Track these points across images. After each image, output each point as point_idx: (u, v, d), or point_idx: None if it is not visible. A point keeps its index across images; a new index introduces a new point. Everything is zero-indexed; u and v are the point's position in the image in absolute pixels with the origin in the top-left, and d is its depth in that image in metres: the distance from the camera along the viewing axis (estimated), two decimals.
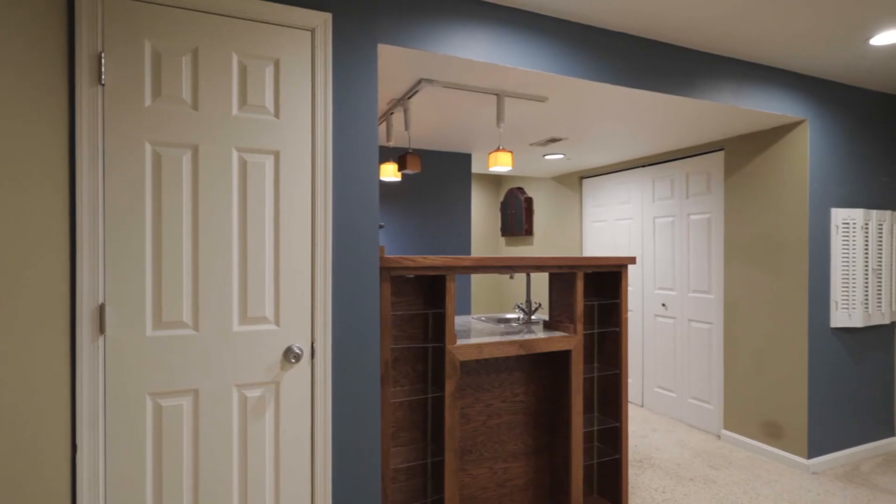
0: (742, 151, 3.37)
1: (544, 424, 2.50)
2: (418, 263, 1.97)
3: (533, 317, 2.81)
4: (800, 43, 2.53)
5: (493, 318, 2.92)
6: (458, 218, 4.19)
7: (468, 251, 4.23)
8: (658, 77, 2.54)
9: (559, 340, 2.30)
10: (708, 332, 3.66)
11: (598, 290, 2.62)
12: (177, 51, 1.60)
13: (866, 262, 3.14)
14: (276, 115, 1.73)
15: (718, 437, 3.55)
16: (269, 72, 1.72)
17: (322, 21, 1.78)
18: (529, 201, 5.86)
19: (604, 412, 2.58)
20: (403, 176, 3.91)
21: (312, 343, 1.76)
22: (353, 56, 1.85)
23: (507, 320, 2.78)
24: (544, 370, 2.50)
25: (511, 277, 2.77)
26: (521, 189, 6.00)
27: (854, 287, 3.09)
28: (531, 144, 3.76)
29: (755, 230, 3.27)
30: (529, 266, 2.22)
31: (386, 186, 3.89)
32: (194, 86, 1.62)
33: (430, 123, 3.22)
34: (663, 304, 4.04)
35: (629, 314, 4.38)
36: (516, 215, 6.04)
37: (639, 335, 4.28)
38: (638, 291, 4.29)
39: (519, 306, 2.74)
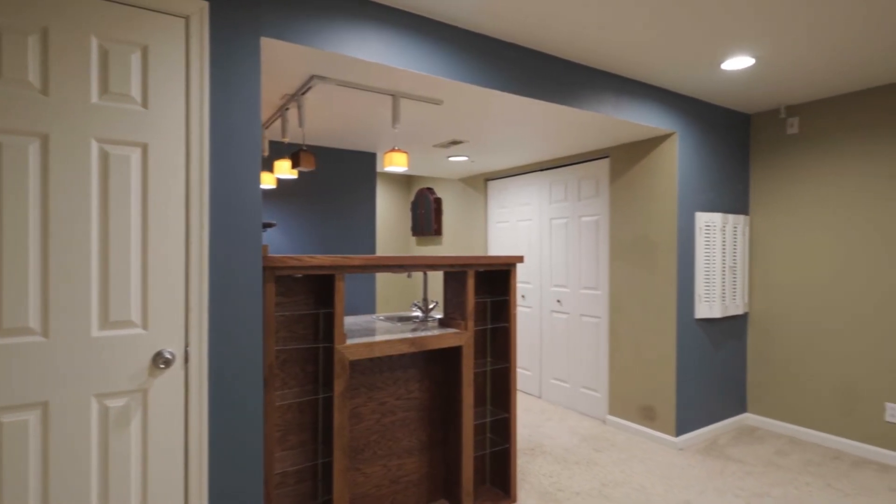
0: (624, 159, 3.68)
1: (439, 419, 2.57)
2: (305, 263, 1.94)
3: (430, 315, 2.87)
4: (668, 64, 2.81)
5: (394, 316, 2.94)
6: (362, 217, 4.17)
7: (373, 251, 4.22)
8: (546, 87, 2.71)
9: (450, 337, 2.37)
10: (596, 325, 3.95)
11: (490, 288, 2.74)
12: (22, 29, 1.45)
13: (724, 260, 3.56)
14: (144, 105, 1.62)
15: (604, 422, 3.85)
16: (135, 59, 1.61)
17: (198, 9, 1.70)
18: (439, 202, 5.96)
19: (496, 404, 2.70)
20: (300, 174, 3.81)
21: (186, 347, 1.68)
22: (233, 48, 1.78)
23: (407, 319, 2.82)
24: (438, 367, 2.56)
25: (408, 276, 2.81)
26: (430, 189, 6.08)
27: (714, 282, 3.50)
28: (434, 146, 3.83)
29: (634, 231, 3.59)
30: (422, 265, 2.27)
31: (283, 184, 3.77)
32: (44, 69, 1.48)
33: (331, 121, 3.17)
34: (558, 301, 4.30)
35: (528, 310, 4.61)
36: (426, 215, 6.11)
37: (537, 330, 4.52)
38: (536, 289, 4.53)
39: (416, 305, 2.79)
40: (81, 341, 1.51)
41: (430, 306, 2.81)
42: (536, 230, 4.55)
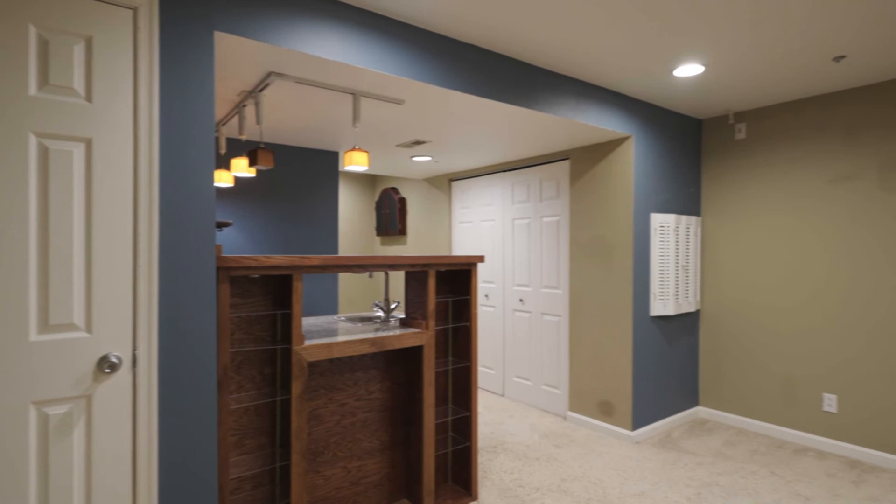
0: (584, 161, 3.77)
1: (400, 419, 2.57)
2: (261, 263, 1.90)
3: (392, 315, 2.86)
4: (625, 70, 2.90)
5: (355, 317, 2.92)
6: (325, 217, 4.11)
7: (336, 250, 4.17)
8: (508, 89, 2.74)
9: (411, 336, 2.37)
10: (557, 324, 4.03)
11: (452, 287, 2.75)
12: None
13: (677, 259, 3.70)
14: (88, 98, 1.55)
15: (565, 418, 3.93)
16: (78, 50, 1.54)
17: (147, 0, 1.64)
18: (403, 201, 5.94)
19: (458, 403, 2.72)
20: (259, 172, 3.73)
21: (134, 351, 1.62)
22: (185, 41, 1.73)
23: (368, 319, 2.80)
24: (400, 366, 2.56)
25: (370, 276, 2.79)
26: (395, 189, 6.06)
27: (668, 281, 3.63)
28: (398, 146, 3.82)
29: (593, 231, 3.68)
30: (383, 265, 2.26)
31: (241, 182, 3.68)
32: None
33: (291, 119, 3.12)
34: (521, 300, 4.36)
35: (491, 310, 4.66)
36: (390, 215, 6.08)
37: (499, 329, 4.58)
38: (499, 288, 4.58)
39: (377, 305, 2.77)
40: (17, 346, 1.44)
41: (392, 306, 2.81)
42: (499, 230, 4.60)
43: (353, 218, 6.45)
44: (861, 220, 3.18)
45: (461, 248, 5.07)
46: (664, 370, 3.69)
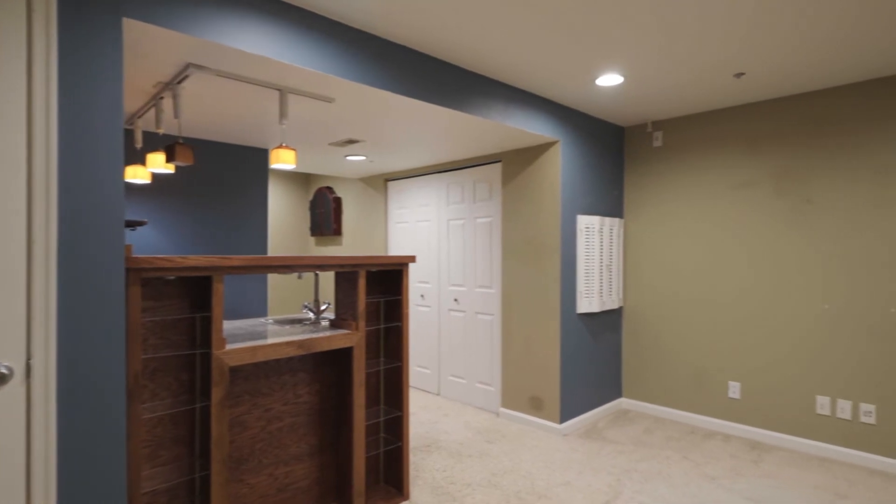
0: (514, 164, 3.88)
1: (330, 422, 2.53)
2: (177, 264, 1.81)
3: (322, 316, 2.81)
4: (552, 77, 3.02)
5: (284, 319, 2.84)
6: (254, 216, 3.97)
7: (265, 251, 4.03)
8: (439, 91, 2.77)
9: (341, 338, 2.34)
10: (490, 322, 4.12)
11: (384, 287, 2.75)
12: None
13: (601, 259, 3.90)
14: None
15: (498, 415, 4.03)
16: None
17: None
18: (338, 201, 5.84)
19: (389, 403, 2.72)
20: (179, 168, 3.54)
21: (28, 360, 1.49)
22: (89, 27, 1.61)
23: (298, 321, 2.73)
24: (330, 368, 2.52)
25: (299, 277, 2.73)
26: (330, 188, 5.94)
27: (593, 279, 3.81)
28: (330, 144, 3.76)
29: (524, 232, 3.80)
30: (311, 266, 2.22)
31: (159, 179, 3.48)
32: None
33: (215, 113, 2.98)
34: (456, 300, 4.42)
35: (427, 310, 4.69)
36: (325, 215, 5.96)
37: (435, 329, 4.61)
38: (435, 288, 4.62)
39: (307, 307, 2.72)
40: None
41: (323, 308, 2.76)
42: (435, 231, 4.64)
43: (286, 218, 6.26)
44: (759, 222, 3.50)
45: (398, 248, 5.06)
46: (590, 365, 3.88)
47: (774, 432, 3.42)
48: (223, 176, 3.80)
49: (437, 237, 4.62)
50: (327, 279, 6.09)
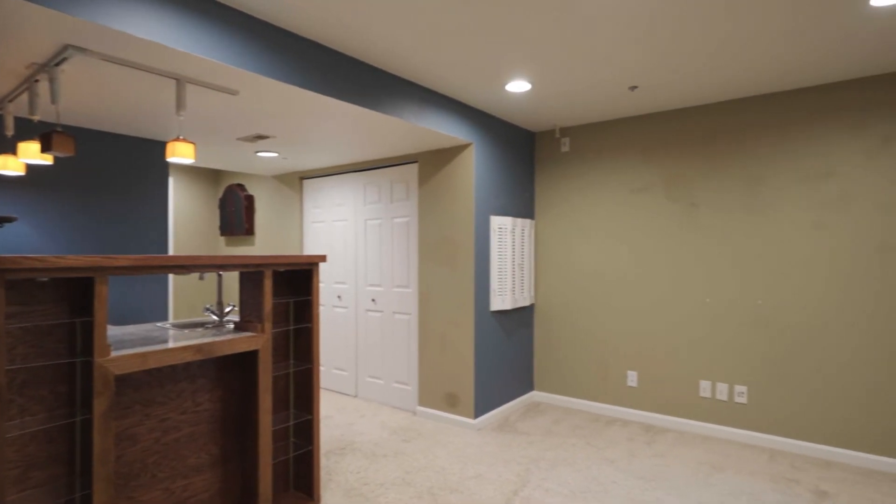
0: (431, 165, 3.93)
1: (234, 430, 2.41)
2: (51, 264, 1.64)
3: (226, 319, 2.68)
4: (465, 81, 3.09)
5: (185, 323, 2.67)
6: (152, 214, 3.68)
7: (165, 252, 3.76)
8: (352, 89, 2.75)
9: (245, 341, 2.25)
10: (407, 322, 4.14)
11: (293, 288, 2.67)
12: None
13: (514, 258, 4.05)
14: None
15: (415, 413, 4.06)
16: None
17: None
18: (250, 199, 5.58)
19: (299, 407, 2.65)
20: (57, 160, 3.21)
21: None
22: None
23: (200, 324, 2.58)
24: (233, 373, 2.41)
25: (201, 278, 2.58)
26: (241, 186, 5.66)
27: (506, 278, 3.95)
28: (238, 139, 3.58)
29: (439, 232, 3.86)
30: (212, 265, 2.11)
31: (36, 171, 3.13)
32: None
33: (105, 101, 2.74)
34: (373, 300, 4.39)
35: (344, 310, 4.62)
36: (236, 213, 5.67)
37: (352, 330, 4.55)
38: (352, 288, 4.56)
39: (209, 309, 2.58)
40: None
41: (227, 310, 2.63)
42: (352, 231, 4.58)
43: (193, 217, 5.88)
44: (653, 224, 3.82)
45: (314, 248, 4.93)
46: (503, 360, 4.02)
47: (666, 416, 3.75)
48: (115, 169, 3.50)
49: (354, 237, 4.56)
50: (235, 280, 5.79)
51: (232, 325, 2.53)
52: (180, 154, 2.25)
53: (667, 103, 3.58)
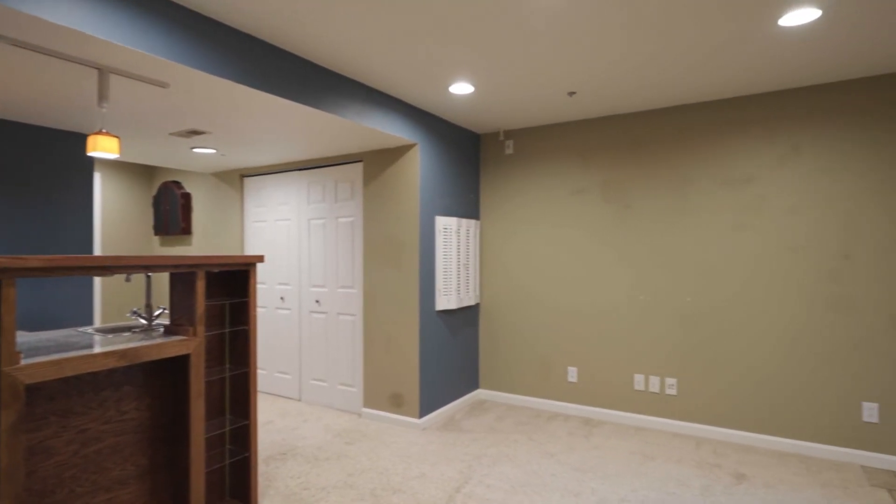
0: (376, 164, 3.90)
1: (164, 438, 2.30)
2: None
3: (156, 322, 2.55)
4: (409, 81, 3.09)
5: (111, 327, 2.52)
6: (74, 212, 3.45)
7: (90, 252, 3.53)
8: (291, 86, 2.68)
9: (175, 345, 2.15)
10: (352, 323, 4.09)
11: (230, 289, 2.58)
12: None
13: (459, 258, 4.10)
14: None
15: (360, 415, 4.02)
16: None
17: None
18: (187, 197, 5.34)
19: (236, 412, 2.56)
20: None
21: None
22: None
23: (126, 329, 2.45)
24: (163, 379, 2.30)
25: (127, 280, 2.44)
26: (177, 183, 5.40)
27: (451, 278, 3.99)
28: (171, 134, 3.42)
29: (384, 232, 3.85)
30: (138, 266, 2.00)
31: None
32: None
33: (17, 89, 2.53)
34: (317, 301, 4.31)
35: (287, 312, 4.50)
36: (172, 212, 5.41)
37: (296, 332, 4.45)
38: (295, 290, 4.45)
39: (135, 312, 2.44)
40: None
41: (157, 313, 2.50)
42: (295, 230, 4.47)
43: (123, 215, 5.55)
44: (591, 225, 3.97)
45: (255, 248, 4.78)
46: (449, 359, 4.05)
47: (603, 409, 3.91)
48: (33, 163, 3.25)
49: (297, 237, 4.46)
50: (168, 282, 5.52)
51: (162, 329, 2.42)
52: (103, 148, 2.12)
53: (603, 110, 3.74)
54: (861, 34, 2.49)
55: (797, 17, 2.29)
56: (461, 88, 3.22)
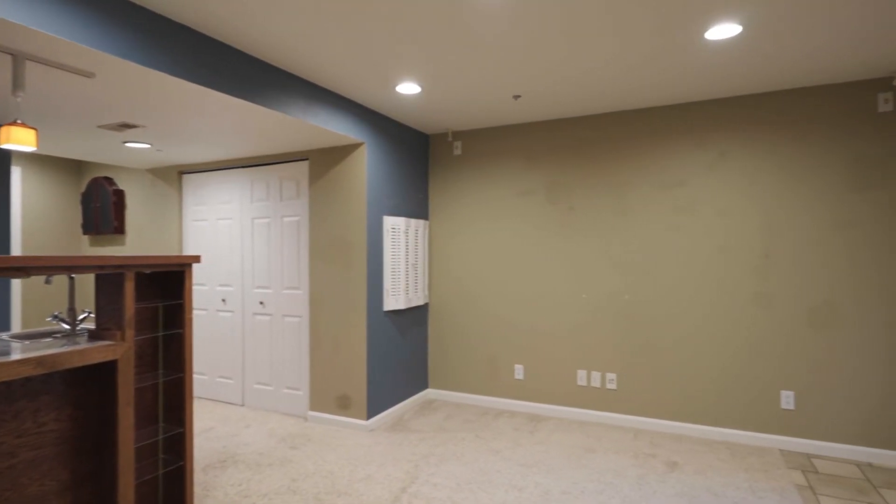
0: (322, 163, 3.84)
1: (89, 450, 2.16)
2: None
3: (82, 327, 2.40)
4: (355, 80, 3.06)
5: (27, 333, 2.34)
6: None
7: (7, 252, 3.27)
8: (231, 80, 2.59)
9: (100, 351, 2.03)
10: (298, 324, 4.00)
11: (164, 291, 2.46)
12: None
13: (407, 258, 4.09)
14: None
15: (306, 419, 3.93)
16: None
17: None
18: (120, 194, 5.05)
19: (170, 420, 2.45)
20: None
21: None
22: None
23: (47, 334, 2.29)
24: (87, 388, 2.16)
25: (47, 282, 2.27)
26: (108, 179, 5.10)
27: (399, 278, 3.98)
28: (100, 127, 3.22)
29: (331, 232, 3.79)
30: (57, 267, 1.87)
31: None
32: None
33: None
34: (261, 302, 4.18)
35: (229, 315, 4.35)
36: (103, 210, 5.10)
37: (239, 335, 4.30)
38: (238, 291, 4.30)
39: (56, 317, 2.29)
40: None
41: (81, 317, 2.35)
42: (238, 230, 4.32)
43: (48, 213, 5.18)
44: (537, 226, 4.07)
45: (195, 248, 4.58)
46: (397, 359, 4.04)
47: (549, 405, 4.01)
48: None
49: (240, 237, 4.31)
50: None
51: (87, 334, 2.27)
52: (17, 140, 1.97)
53: (548, 114, 3.84)
54: (779, 51, 2.69)
55: (721, 32, 2.44)
56: (408, 88, 3.22)
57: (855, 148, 3.18)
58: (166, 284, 2.46)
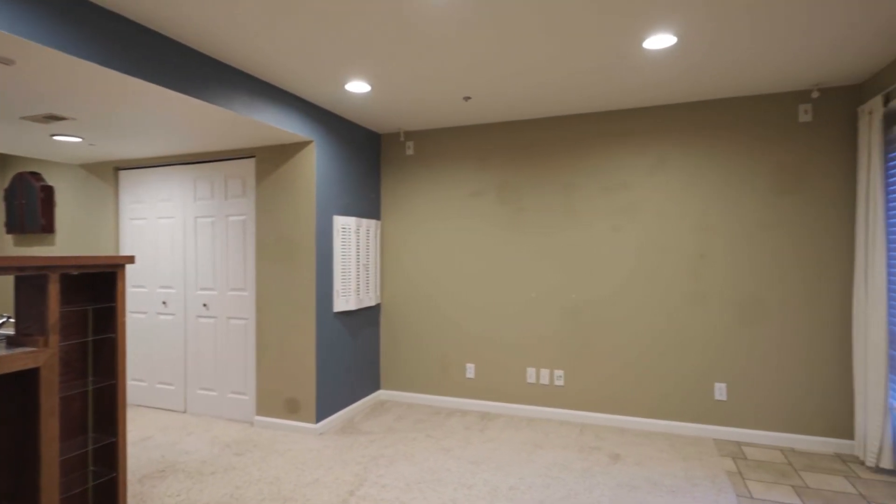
0: (269, 160, 3.74)
1: (9, 464, 2.02)
2: None
3: (2, 332, 2.23)
4: (302, 76, 3.00)
5: None
6: None
7: None
8: (167, 72, 2.48)
9: (19, 358, 1.90)
10: (244, 327, 3.88)
11: (94, 294, 2.33)
12: None
13: (358, 258, 4.05)
14: None
15: (252, 424, 3.82)
16: None
17: None
18: (49, 190, 4.73)
19: (101, 429, 2.31)
20: None
21: None
22: None
23: None
24: (8, 397, 2.01)
25: None
26: (35, 175, 4.76)
27: (350, 278, 3.93)
28: (23, 118, 3.01)
29: (279, 232, 3.69)
30: None
31: None
32: None
33: None
34: (205, 305, 4.03)
35: (171, 318, 4.16)
36: (29, 207, 4.76)
37: (181, 339, 4.12)
38: (180, 293, 4.12)
39: None
40: None
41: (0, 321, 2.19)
42: (180, 229, 4.14)
43: None
44: (488, 226, 4.12)
45: (133, 248, 4.36)
46: (348, 361, 3.99)
47: (499, 402, 4.08)
48: None
49: (182, 236, 4.13)
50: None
51: (5, 341, 2.12)
52: None
53: (498, 116, 3.90)
54: (711, 62, 2.85)
55: (657, 42, 2.56)
56: (358, 87, 3.19)
57: (778, 155, 3.41)
58: (98, 286, 2.33)
